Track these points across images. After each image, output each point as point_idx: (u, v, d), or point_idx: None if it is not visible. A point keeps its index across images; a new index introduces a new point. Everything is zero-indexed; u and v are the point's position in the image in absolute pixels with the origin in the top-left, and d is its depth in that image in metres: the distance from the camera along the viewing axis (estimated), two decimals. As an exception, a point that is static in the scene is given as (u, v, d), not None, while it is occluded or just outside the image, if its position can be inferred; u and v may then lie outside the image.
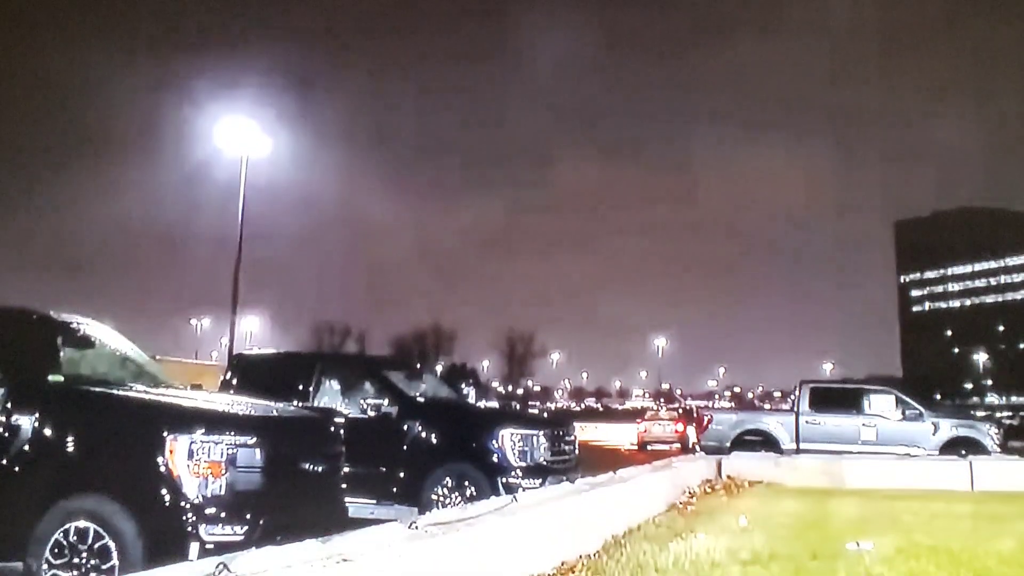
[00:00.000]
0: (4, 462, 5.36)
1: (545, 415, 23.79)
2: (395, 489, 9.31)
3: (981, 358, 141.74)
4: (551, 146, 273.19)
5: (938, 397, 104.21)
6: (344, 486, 6.82)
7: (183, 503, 5.14)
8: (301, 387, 10.00)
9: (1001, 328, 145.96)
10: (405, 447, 9.47)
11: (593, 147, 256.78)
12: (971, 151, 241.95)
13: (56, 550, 5.09)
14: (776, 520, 9.00)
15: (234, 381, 10.69)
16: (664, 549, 6.94)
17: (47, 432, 5.41)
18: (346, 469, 6.88)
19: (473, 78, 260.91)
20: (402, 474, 9.35)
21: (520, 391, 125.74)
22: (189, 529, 5.10)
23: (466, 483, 9.11)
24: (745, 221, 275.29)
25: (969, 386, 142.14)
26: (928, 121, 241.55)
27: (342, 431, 6.75)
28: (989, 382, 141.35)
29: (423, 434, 9.55)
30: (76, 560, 5.06)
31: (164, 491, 5.15)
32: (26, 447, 5.38)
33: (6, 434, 5.41)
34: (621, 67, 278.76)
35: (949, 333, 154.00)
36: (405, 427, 9.56)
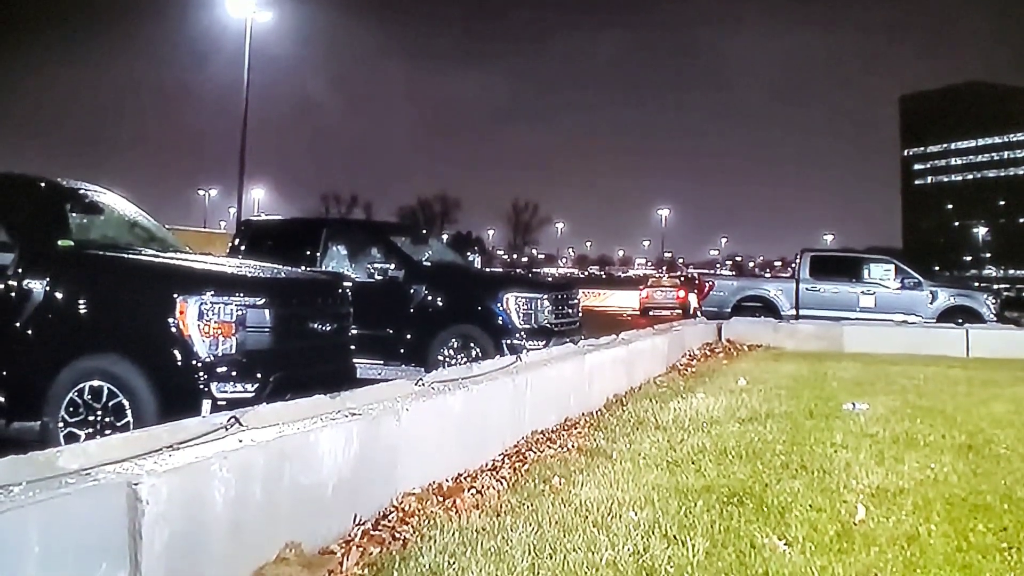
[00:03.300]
0: (18, 325, 5.42)
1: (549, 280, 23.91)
2: (402, 350, 9.50)
3: (981, 232, 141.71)
4: (554, 15, 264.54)
5: (937, 269, 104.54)
6: (352, 347, 6.93)
7: (194, 362, 5.23)
8: (308, 252, 10.03)
9: (1002, 202, 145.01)
10: (412, 310, 9.59)
11: (596, 16, 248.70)
12: (980, 28, 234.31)
13: (71, 409, 5.20)
14: (774, 381, 9.18)
15: (242, 247, 10.72)
16: (665, 407, 7.13)
17: (58, 295, 5.45)
18: (355, 331, 6.98)
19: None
20: (409, 336, 9.51)
21: (524, 259, 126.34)
22: (201, 387, 5.22)
23: (471, 344, 9.29)
24: (749, 94, 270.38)
25: (968, 259, 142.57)
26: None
27: (349, 293, 6.81)
28: (988, 255, 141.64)
29: (429, 297, 9.65)
30: (91, 418, 5.17)
31: (176, 351, 5.24)
32: (39, 310, 5.43)
33: (19, 298, 5.45)
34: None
35: (950, 207, 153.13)
36: (412, 290, 9.66)
